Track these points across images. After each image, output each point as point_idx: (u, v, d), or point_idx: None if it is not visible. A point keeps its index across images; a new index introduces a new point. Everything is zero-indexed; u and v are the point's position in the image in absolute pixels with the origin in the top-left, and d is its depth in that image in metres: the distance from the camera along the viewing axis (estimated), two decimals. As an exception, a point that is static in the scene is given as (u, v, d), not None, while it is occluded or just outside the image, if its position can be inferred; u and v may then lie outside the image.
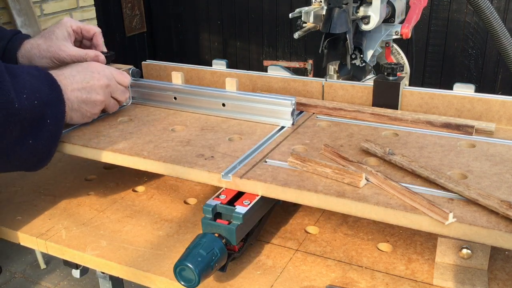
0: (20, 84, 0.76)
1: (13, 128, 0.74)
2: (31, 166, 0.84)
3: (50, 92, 0.82)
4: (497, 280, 0.69)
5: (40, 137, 0.80)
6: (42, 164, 0.85)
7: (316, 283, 0.71)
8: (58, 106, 0.83)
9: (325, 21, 1.11)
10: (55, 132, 0.83)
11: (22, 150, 0.78)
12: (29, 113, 0.76)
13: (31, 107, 0.76)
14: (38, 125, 0.79)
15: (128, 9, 3.98)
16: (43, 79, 0.83)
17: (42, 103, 0.79)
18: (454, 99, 0.94)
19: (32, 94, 0.77)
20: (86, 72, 0.91)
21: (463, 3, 2.96)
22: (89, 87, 0.90)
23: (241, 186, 0.74)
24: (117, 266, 0.77)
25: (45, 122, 0.80)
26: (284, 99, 0.92)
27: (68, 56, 0.99)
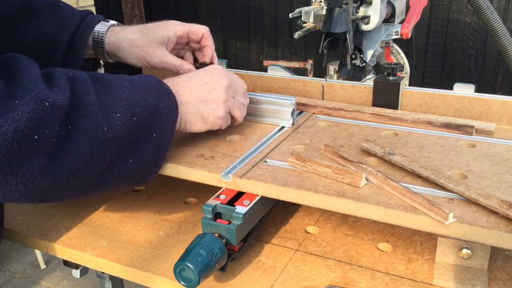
0: (113, 100, 0.66)
1: (106, 153, 0.64)
2: (133, 183, 0.75)
3: (157, 102, 0.71)
4: (497, 280, 0.69)
5: (142, 154, 0.70)
6: (147, 180, 0.75)
7: (316, 283, 0.71)
8: (168, 115, 0.72)
9: (325, 21, 1.11)
10: (162, 145, 0.72)
11: (121, 171, 0.69)
12: (126, 133, 0.66)
13: (128, 126, 0.66)
14: (139, 141, 0.69)
15: (128, 9, 3.99)
16: (149, 88, 0.72)
17: (145, 117, 0.68)
18: (454, 99, 0.94)
19: (130, 110, 0.66)
20: (204, 72, 0.82)
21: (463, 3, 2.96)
22: (208, 85, 0.79)
23: (241, 186, 0.74)
24: (117, 266, 0.77)
25: (149, 136, 0.70)
26: (284, 99, 0.92)
27: (161, 62, 0.90)
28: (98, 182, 0.67)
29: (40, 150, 0.57)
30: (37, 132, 0.56)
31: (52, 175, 0.59)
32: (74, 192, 0.66)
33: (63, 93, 0.60)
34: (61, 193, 0.64)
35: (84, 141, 0.61)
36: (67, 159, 0.60)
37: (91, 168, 0.64)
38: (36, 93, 0.56)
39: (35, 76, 0.58)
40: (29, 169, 0.57)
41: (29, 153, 0.56)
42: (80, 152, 0.61)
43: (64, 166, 0.60)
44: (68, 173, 0.61)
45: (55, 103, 0.57)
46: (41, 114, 0.56)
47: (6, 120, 0.53)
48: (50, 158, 0.58)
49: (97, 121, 0.62)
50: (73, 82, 0.63)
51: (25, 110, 0.54)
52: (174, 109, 0.73)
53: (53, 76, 0.62)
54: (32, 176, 0.57)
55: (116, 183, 0.70)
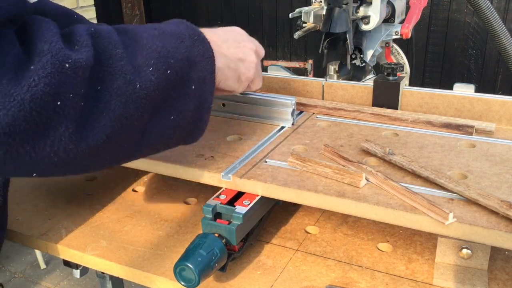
0: (144, 53, 0.60)
1: (142, 112, 0.59)
2: (182, 141, 0.69)
3: (192, 49, 0.65)
4: (497, 280, 0.69)
5: (183, 109, 0.65)
6: (196, 137, 0.70)
7: (316, 283, 0.71)
8: (204, 64, 0.67)
9: (325, 21, 1.11)
10: (204, 96, 0.67)
11: (163, 129, 0.64)
12: (162, 87, 0.61)
13: (162, 80, 0.61)
14: (178, 95, 0.64)
15: (128, 9, 3.99)
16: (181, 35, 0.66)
17: (180, 69, 0.63)
18: (454, 99, 0.94)
19: (163, 63, 0.61)
20: (233, 32, 0.78)
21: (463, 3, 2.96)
22: (243, 46, 0.76)
23: (241, 186, 0.74)
24: (117, 266, 0.77)
25: (188, 89, 0.65)
26: (284, 99, 0.92)
27: None
28: (139, 144, 0.63)
29: (66, 116, 0.52)
30: (59, 97, 0.51)
31: (86, 141, 0.55)
32: (115, 157, 0.61)
33: (85, 51, 0.54)
34: (100, 159, 0.59)
35: (116, 101, 0.56)
36: (99, 123, 0.55)
37: (127, 129, 0.59)
38: (53, 54, 0.51)
39: (51, 36, 0.53)
40: (57, 138, 0.52)
41: (53, 121, 0.52)
42: (114, 114, 0.56)
43: (98, 131, 0.55)
44: (103, 138, 0.56)
45: (77, 64, 0.53)
46: (61, 77, 0.51)
47: (21, 89, 0.49)
48: (80, 124, 0.54)
49: (128, 78, 0.57)
50: (96, 38, 0.57)
51: (41, 75, 0.50)
52: (210, 56, 0.67)
53: (73, 34, 0.56)
54: (63, 145, 0.53)
55: (160, 143, 0.65)
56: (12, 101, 0.48)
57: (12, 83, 0.48)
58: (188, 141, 0.70)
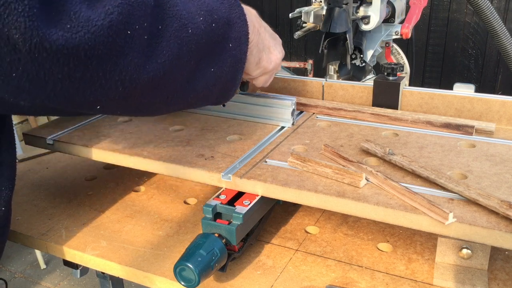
0: (195, 4, 0.66)
1: (190, 57, 0.65)
2: (218, 96, 0.75)
3: (230, 11, 0.72)
4: (497, 280, 0.69)
5: (222, 63, 0.71)
6: (229, 94, 0.77)
7: (316, 283, 0.71)
8: (240, 26, 0.73)
9: (325, 21, 1.11)
10: (239, 56, 0.73)
11: (206, 79, 0.70)
12: (207, 38, 0.67)
13: (209, 31, 0.67)
14: (218, 50, 0.70)
15: (128, 9, 3.98)
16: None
17: (221, 25, 0.69)
18: (454, 99, 0.94)
19: (210, 16, 0.67)
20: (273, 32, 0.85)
21: (463, 3, 2.96)
22: (277, 42, 0.84)
23: (241, 186, 0.74)
24: (117, 266, 0.77)
25: (227, 46, 0.71)
26: (284, 99, 0.92)
27: None
28: (187, 88, 0.68)
29: (134, 46, 0.57)
30: (129, 27, 0.56)
31: (147, 73, 0.59)
32: (166, 97, 0.66)
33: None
34: (155, 96, 0.64)
35: (174, 41, 0.62)
36: (160, 58, 0.60)
37: (179, 70, 0.64)
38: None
39: None
40: (125, 66, 0.57)
41: (124, 49, 0.56)
42: (172, 52, 0.61)
43: (158, 65, 0.60)
44: (161, 73, 0.61)
45: None
46: (129, 9, 0.55)
47: (99, 15, 0.53)
48: (144, 56, 0.59)
49: (183, 22, 0.62)
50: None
51: (114, 4, 0.54)
52: (245, 20, 0.74)
53: None
54: (129, 74, 0.57)
55: (202, 92, 0.71)
56: (93, 26, 0.52)
57: (90, 11, 0.52)
58: (223, 98, 0.77)
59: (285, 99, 0.92)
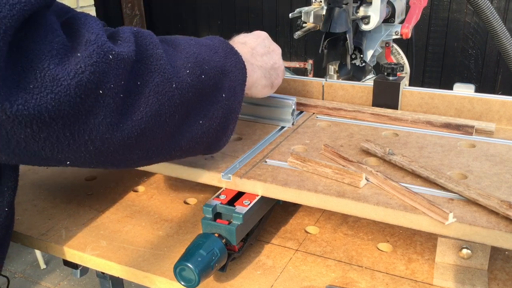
0: (182, 57, 0.64)
1: (175, 111, 0.62)
2: (206, 148, 0.71)
3: (225, 60, 0.69)
4: (497, 280, 0.69)
5: (212, 116, 0.68)
6: (220, 146, 0.73)
7: (316, 283, 0.71)
8: (236, 74, 0.70)
9: (325, 21, 1.11)
10: (232, 106, 0.70)
11: (192, 132, 0.66)
12: (195, 91, 0.64)
13: (196, 83, 0.64)
14: (209, 101, 0.67)
15: (128, 9, 3.99)
16: (215, 47, 0.70)
17: (213, 76, 0.67)
18: (454, 99, 0.94)
19: (198, 67, 0.65)
20: (262, 38, 0.82)
21: (463, 3, 2.96)
22: (272, 51, 0.82)
23: (241, 186, 0.74)
24: (117, 266, 0.77)
25: (219, 96, 0.68)
26: (284, 99, 0.92)
27: None
28: (169, 144, 0.65)
29: (106, 105, 0.54)
30: (101, 86, 0.53)
31: (121, 132, 0.57)
32: (145, 154, 0.63)
33: (127, 45, 0.57)
34: (131, 153, 0.61)
35: (154, 97, 0.59)
36: (137, 116, 0.58)
37: (160, 126, 0.61)
38: (99, 45, 0.53)
39: (98, 29, 0.55)
40: (96, 126, 0.54)
41: (94, 109, 0.53)
42: (150, 109, 0.59)
43: (134, 123, 0.58)
44: (138, 131, 0.58)
45: (120, 56, 0.55)
46: (104, 67, 0.53)
47: (68, 74, 0.50)
48: (118, 114, 0.56)
49: (166, 76, 0.60)
50: (138, 37, 0.61)
51: (88, 63, 0.52)
52: (242, 68, 0.71)
53: (117, 31, 0.60)
54: (101, 133, 0.55)
55: (187, 145, 0.67)
56: (59, 86, 0.50)
57: (59, 68, 0.50)
58: (212, 149, 0.73)
59: (285, 99, 0.92)
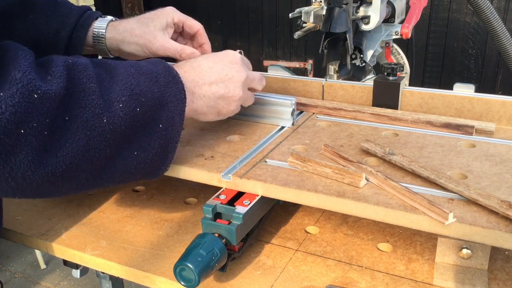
0: (117, 89, 0.62)
1: (105, 146, 0.61)
2: (143, 177, 0.71)
3: (165, 90, 0.68)
4: (497, 280, 0.69)
5: (148, 147, 0.67)
6: (158, 173, 0.72)
7: (316, 283, 0.71)
8: (175, 105, 0.69)
9: (325, 21, 1.11)
10: (170, 136, 0.69)
11: (125, 164, 0.65)
12: (128, 124, 0.63)
13: (130, 117, 0.63)
14: (144, 133, 0.66)
15: (128, 9, 3.99)
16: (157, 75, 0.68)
17: (150, 107, 0.65)
18: (454, 99, 0.94)
19: (134, 100, 0.63)
20: (224, 63, 0.78)
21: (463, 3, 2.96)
22: (227, 80, 0.77)
23: (241, 186, 0.74)
24: (117, 266, 0.77)
25: (156, 127, 0.67)
26: (284, 99, 0.92)
27: (162, 48, 0.87)
28: (99, 176, 0.64)
29: (28, 144, 0.54)
30: (23, 126, 0.53)
31: (44, 168, 0.56)
32: (74, 186, 0.63)
33: (56, 82, 0.56)
34: (58, 187, 0.61)
35: (82, 133, 0.58)
36: (62, 152, 0.57)
37: (88, 161, 0.60)
38: (23, 84, 0.53)
39: (26, 65, 0.54)
40: (17, 164, 0.54)
41: (14, 148, 0.53)
42: (77, 145, 0.58)
43: (58, 160, 0.57)
44: (62, 167, 0.58)
45: (46, 95, 0.54)
46: (28, 107, 0.53)
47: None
48: (41, 151, 0.55)
49: (96, 112, 0.59)
50: (72, 70, 0.60)
51: (9, 104, 0.51)
52: (182, 98, 0.70)
53: (50, 63, 0.59)
54: (22, 171, 0.55)
55: (121, 176, 0.67)
56: None
57: None
58: (150, 177, 0.72)
59: (285, 99, 0.92)
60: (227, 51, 0.82)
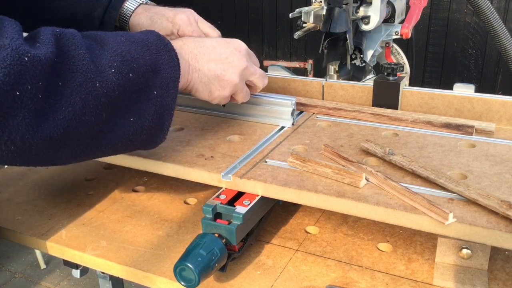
0: (107, 56, 0.64)
1: (101, 110, 0.62)
2: (142, 145, 0.72)
3: (157, 57, 0.69)
4: (497, 280, 0.69)
5: (144, 113, 0.68)
6: (156, 141, 0.73)
7: (316, 283, 0.71)
8: (168, 72, 0.70)
9: (325, 21, 1.11)
10: (165, 103, 0.70)
11: (123, 130, 0.67)
12: (122, 89, 0.64)
13: (123, 82, 0.64)
14: (139, 99, 0.67)
15: (128, 9, 3.98)
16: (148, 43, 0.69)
17: (142, 73, 0.66)
18: (454, 99, 0.94)
19: (126, 66, 0.65)
20: (228, 46, 0.80)
21: (463, 3, 2.96)
22: (227, 63, 0.78)
23: (241, 186, 0.74)
24: (117, 266, 0.77)
25: (150, 94, 0.68)
26: (284, 99, 0.92)
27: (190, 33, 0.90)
28: (98, 141, 0.65)
29: (24, 106, 0.55)
30: (18, 87, 0.54)
31: (42, 131, 0.58)
32: (73, 152, 0.64)
33: (45, 48, 0.58)
34: (57, 153, 0.62)
35: (76, 97, 0.60)
36: (58, 116, 0.59)
37: (85, 125, 0.62)
38: (13, 48, 0.54)
39: (13, 33, 0.56)
40: (15, 126, 0.55)
41: (12, 110, 0.55)
42: (73, 109, 0.59)
43: (56, 123, 0.58)
44: (61, 130, 0.59)
45: (36, 58, 0.56)
46: (19, 69, 0.54)
47: None
48: (38, 115, 0.57)
49: (88, 76, 0.60)
50: (60, 38, 0.61)
51: (1, 66, 0.53)
52: (175, 66, 0.71)
53: (38, 33, 0.60)
54: (20, 134, 0.56)
55: (120, 143, 0.68)
56: None
57: None
58: (148, 146, 0.73)
59: (285, 99, 0.92)
60: (235, 39, 0.83)
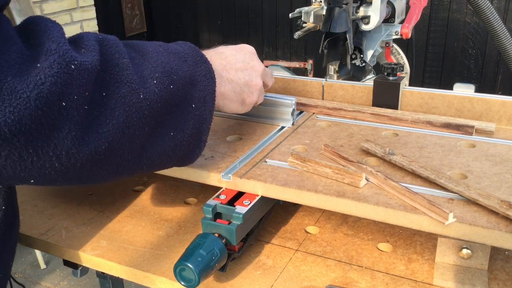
0: (149, 66, 0.62)
1: (144, 123, 0.60)
2: (179, 161, 0.70)
3: (194, 69, 0.67)
4: (497, 280, 0.69)
5: (183, 127, 0.66)
6: (193, 158, 0.71)
7: (316, 283, 0.71)
8: (205, 84, 0.68)
9: (325, 21, 1.11)
10: (203, 116, 0.68)
11: (164, 144, 0.64)
12: (164, 101, 0.62)
13: (165, 94, 0.62)
14: (179, 112, 0.65)
15: (128, 9, 3.99)
16: (184, 55, 0.68)
17: (182, 86, 0.64)
18: (454, 99, 0.94)
19: (167, 77, 0.62)
20: (244, 53, 0.80)
21: (463, 3, 2.96)
22: (250, 68, 0.78)
23: (241, 186, 0.74)
24: (117, 266, 0.77)
25: (189, 107, 0.66)
26: (284, 99, 0.92)
27: None
28: (139, 157, 0.62)
29: (70, 118, 0.51)
30: (64, 98, 0.50)
31: (88, 146, 0.54)
32: (115, 169, 0.60)
33: (91, 55, 0.55)
34: (100, 169, 0.58)
35: (120, 109, 0.56)
36: (103, 129, 0.55)
37: (129, 139, 0.59)
38: (60, 54, 0.51)
39: (59, 37, 0.52)
40: (60, 140, 0.51)
41: (57, 122, 0.51)
42: (117, 121, 0.56)
43: (101, 137, 0.55)
44: (105, 144, 0.55)
45: (82, 66, 0.52)
46: (66, 78, 0.50)
47: (27, 86, 0.48)
48: (83, 127, 0.53)
49: (133, 87, 0.58)
50: (104, 45, 0.58)
51: (48, 74, 0.49)
52: (212, 78, 0.69)
53: (81, 38, 0.57)
54: (66, 148, 0.52)
55: (159, 159, 0.65)
56: (18, 98, 0.47)
57: (17, 80, 0.48)
58: (184, 161, 0.71)
59: (285, 99, 0.92)
60: (243, 44, 0.83)
